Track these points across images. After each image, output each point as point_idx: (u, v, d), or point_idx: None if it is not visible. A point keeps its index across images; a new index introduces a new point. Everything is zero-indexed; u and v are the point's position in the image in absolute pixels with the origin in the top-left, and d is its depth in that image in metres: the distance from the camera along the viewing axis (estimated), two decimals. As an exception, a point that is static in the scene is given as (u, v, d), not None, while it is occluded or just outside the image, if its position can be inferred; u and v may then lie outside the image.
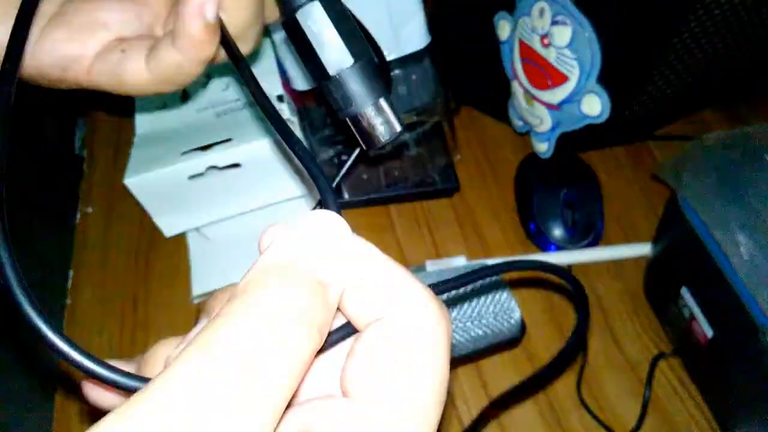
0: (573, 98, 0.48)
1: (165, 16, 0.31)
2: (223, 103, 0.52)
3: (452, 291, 0.23)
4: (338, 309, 0.18)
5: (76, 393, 0.47)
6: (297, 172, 0.49)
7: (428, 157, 0.57)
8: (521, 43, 0.51)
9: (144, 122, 0.52)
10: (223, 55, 0.29)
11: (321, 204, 0.19)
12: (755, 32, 0.51)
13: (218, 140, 0.47)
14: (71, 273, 0.53)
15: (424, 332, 0.18)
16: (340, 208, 0.19)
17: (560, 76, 0.48)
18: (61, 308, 0.51)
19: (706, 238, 0.40)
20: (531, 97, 0.52)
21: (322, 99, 0.24)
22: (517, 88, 0.54)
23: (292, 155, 0.48)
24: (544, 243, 0.53)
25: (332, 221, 0.18)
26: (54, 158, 0.60)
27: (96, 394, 0.20)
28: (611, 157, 0.60)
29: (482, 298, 0.43)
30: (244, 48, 0.30)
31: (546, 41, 0.48)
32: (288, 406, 0.15)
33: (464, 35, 0.61)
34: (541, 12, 0.47)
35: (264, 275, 0.16)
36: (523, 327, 0.43)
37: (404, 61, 0.50)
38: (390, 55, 0.48)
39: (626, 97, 0.53)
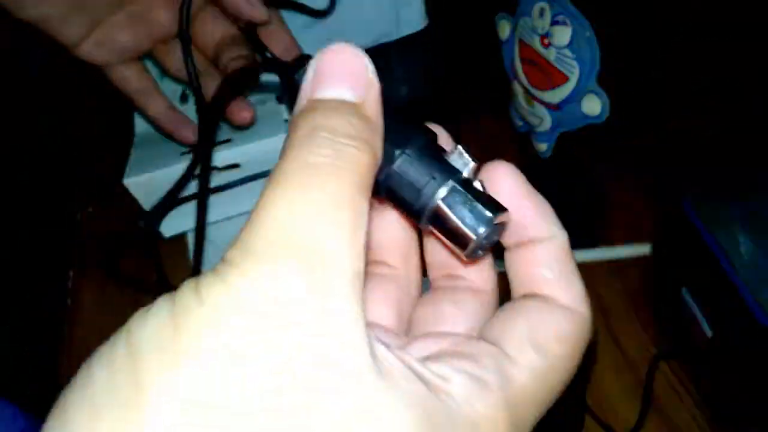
0: (573, 98, 0.48)
1: None
2: (223, 103, 0.52)
3: None
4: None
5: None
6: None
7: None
8: (521, 43, 0.51)
9: (144, 122, 0.52)
10: None
11: None
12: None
13: (218, 141, 0.47)
14: (71, 273, 0.53)
15: (580, 329, 0.19)
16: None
17: (560, 76, 0.48)
18: (61, 308, 0.51)
19: (706, 238, 0.40)
20: (531, 97, 0.52)
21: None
22: (517, 88, 0.54)
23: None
24: (544, 243, 0.53)
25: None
26: (54, 158, 0.60)
27: None
28: (611, 157, 0.60)
29: None
30: None
31: (546, 41, 0.48)
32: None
33: (464, 36, 0.61)
34: (541, 12, 0.47)
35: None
36: None
37: (404, 61, 0.50)
38: (390, 37, 0.48)
39: (626, 97, 0.53)
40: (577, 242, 0.54)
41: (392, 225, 0.23)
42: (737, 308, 0.38)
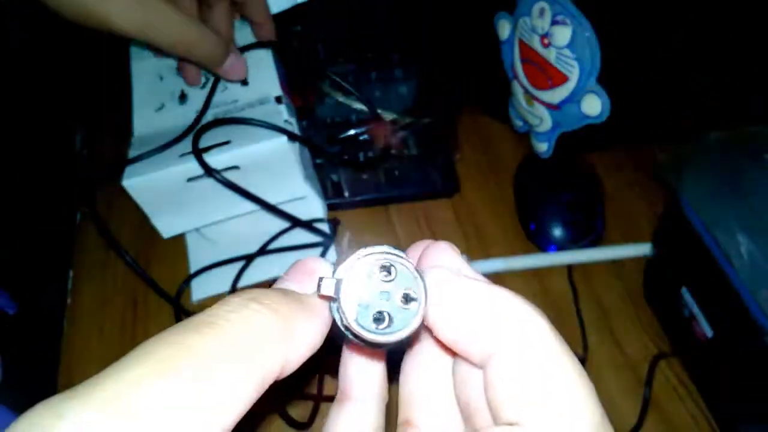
0: (573, 98, 0.48)
1: None
2: (222, 105, 0.52)
3: None
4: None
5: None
6: (295, 174, 0.49)
7: (428, 157, 0.57)
8: (521, 43, 0.51)
9: (142, 123, 0.52)
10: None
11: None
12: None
13: (216, 142, 0.47)
14: (71, 273, 0.53)
15: (548, 343, 0.18)
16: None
17: (560, 76, 0.48)
18: (62, 308, 0.51)
19: (706, 238, 0.40)
20: (531, 97, 0.52)
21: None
22: (517, 88, 0.54)
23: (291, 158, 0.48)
24: (544, 243, 0.53)
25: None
26: (54, 158, 0.60)
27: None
28: (611, 157, 0.60)
29: None
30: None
31: (546, 41, 0.48)
32: None
33: (464, 35, 0.61)
34: (541, 12, 0.47)
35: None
36: None
37: (406, 61, 0.50)
38: None
39: (626, 97, 0.53)
40: (577, 242, 0.54)
41: (410, 379, 0.22)
42: (737, 308, 0.38)
